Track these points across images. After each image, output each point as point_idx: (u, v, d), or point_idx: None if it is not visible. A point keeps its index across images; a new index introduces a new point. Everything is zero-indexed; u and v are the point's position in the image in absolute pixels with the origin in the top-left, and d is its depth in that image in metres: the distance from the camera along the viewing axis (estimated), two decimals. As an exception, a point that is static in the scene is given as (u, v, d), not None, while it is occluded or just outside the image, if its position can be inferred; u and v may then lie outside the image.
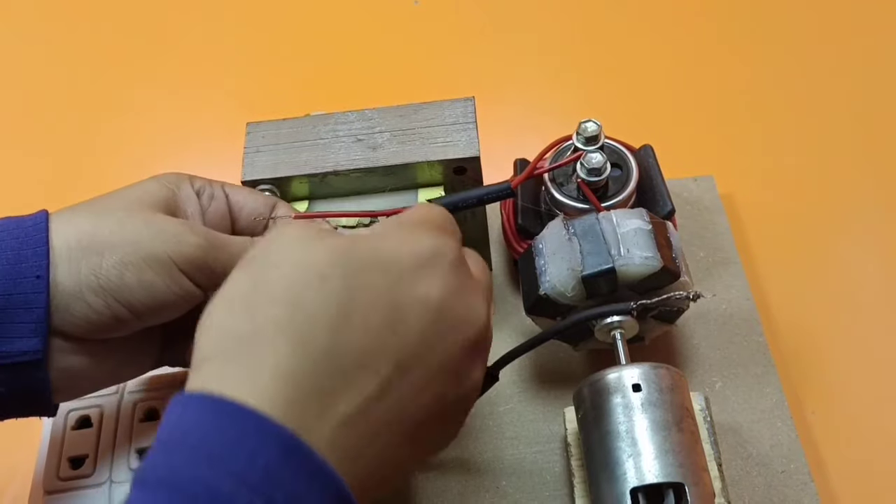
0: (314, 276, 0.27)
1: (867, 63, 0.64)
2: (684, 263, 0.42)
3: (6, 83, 0.72)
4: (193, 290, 0.34)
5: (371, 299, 0.27)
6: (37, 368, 0.32)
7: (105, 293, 0.33)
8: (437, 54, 0.70)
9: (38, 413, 0.35)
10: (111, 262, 0.33)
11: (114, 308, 0.33)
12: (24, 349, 0.32)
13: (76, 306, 0.32)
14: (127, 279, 0.33)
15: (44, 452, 0.45)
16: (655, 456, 0.35)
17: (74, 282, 0.32)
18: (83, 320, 0.33)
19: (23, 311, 0.32)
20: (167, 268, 0.33)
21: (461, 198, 0.42)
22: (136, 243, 0.33)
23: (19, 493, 0.47)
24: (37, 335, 0.32)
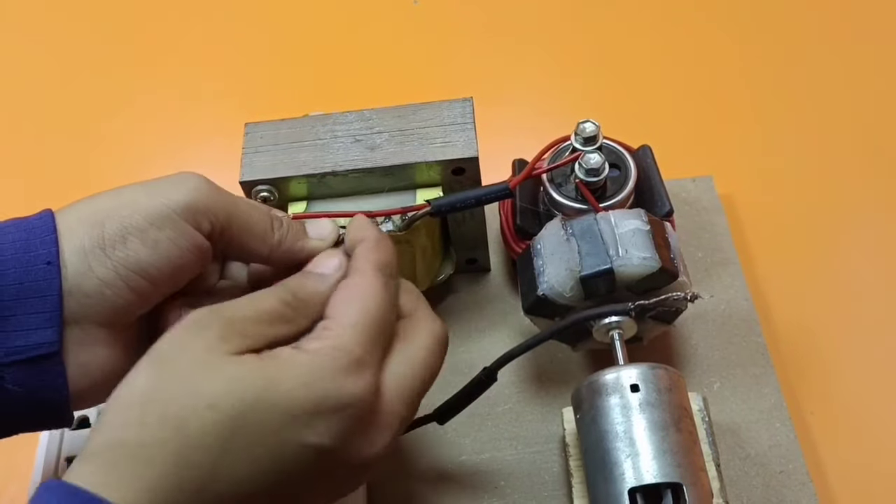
0: (204, 406, 0.27)
1: (867, 63, 0.64)
2: (683, 264, 0.42)
3: (6, 83, 0.72)
4: (201, 241, 0.33)
5: (255, 438, 0.28)
6: (53, 363, 0.31)
7: (113, 263, 0.32)
8: (435, 55, 0.70)
9: (54, 421, 0.34)
10: (112, 229, 0.32)
11: (125, 277, 0.32)
12: (39, 341, 0.31)
13: (88, 284, 0.31)
14: (131, 244, 0.32)
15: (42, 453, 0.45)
16: (653, 456, 0.35)
17: (82, 260, 0.31)
18: (98, 297, 0.32)
19: (36, 300, 0.31)
20: (169, 220, 0.32)
21: (459, 198, 0.42)
22: (134, 203, 0.33)
23: (18, 493, 0.47)
24: (52, 325, 0.31)
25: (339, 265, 0.35)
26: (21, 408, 0.32)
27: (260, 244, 0.36)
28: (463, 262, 0.52)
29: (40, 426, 0.34)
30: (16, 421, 0.33)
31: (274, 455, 0.28)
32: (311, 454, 0.29)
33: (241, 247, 0.36)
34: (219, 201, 0.34)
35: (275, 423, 0.28)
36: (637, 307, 0.38)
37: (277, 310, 0.31)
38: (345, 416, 0.29)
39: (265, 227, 0.36)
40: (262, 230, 0.35)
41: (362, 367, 0.30)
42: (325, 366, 0.29)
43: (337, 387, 0.29)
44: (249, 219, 0.35)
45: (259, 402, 0.28)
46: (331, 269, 0.34)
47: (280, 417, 0.28)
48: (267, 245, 0.36)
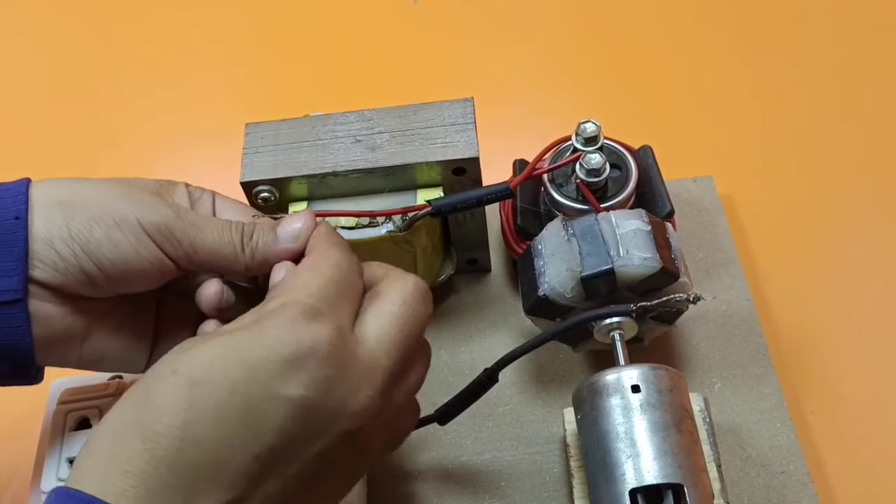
0: (167, 373, 0.28)
1: (867, 63, 0.64)
2: (683, 264, 0.42)
3: (6, 83, 0.72)
4: (162, 258, 0.35)
5: (219, 392, 0.28)
6: (18, 309, 0.33)
7: (73, 243, 0.34)
8: (436, 55, 0.70)
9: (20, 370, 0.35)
10: (83, 217, 0.34)
11: (80, 259, 0.34)
12: (6, 287, 0.33)
13: (45, 253, 0.34)
14: (95, 233, 0.34)
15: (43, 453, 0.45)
16: (654, 457, 0.35)
17: (46, 229, 0.34)
18: (51, 267, 0.34)
19: (4, 251, 0.33)
20: (135, 230, 0.34)
21: (460, 199, 0.42)
22: (108, 204, 0.35)
23: (18, 493, 0.47)
24: (17, 274, 0.33)
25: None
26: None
27: (232, 265, 0.36)
28: (463, 263, 0.52)
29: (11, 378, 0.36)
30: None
31: (244, 413, 0.28)
32: (290, 409, 0.28)
33: (216, 268, 0.37)
34: (184, 232, 0.35)
35: (238, 380, 0.28)
36: (639, 308, 0.38)
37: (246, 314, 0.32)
38: (313, 363, 0.29)
39: (233, 250, 0.36)
40: (230, 253, 0.36)
41: (317, 315, 0.30)
42: (277, 319, 0.30)
43: (294, 336, 0.29)
44: (215, 246, 0.36)
45: (218, 361, 0.28)
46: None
47: (242, 374, 0.28)
48: (242, 265, 0.36)
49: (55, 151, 0.66)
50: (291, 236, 0.37)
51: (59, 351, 0.36)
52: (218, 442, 0.27)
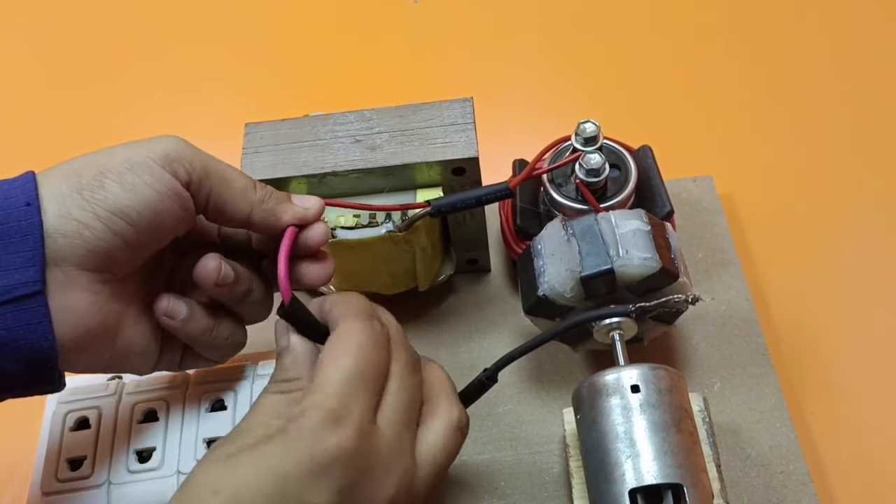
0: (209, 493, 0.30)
1: (867, 63, 0.64)
2: (683, 264, 0.42)
3: (6, 83, 0.72)
4: (179, 188, 0.34)
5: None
6: (37, 303, 0.31)
7: (90, 205, 0.32)
8: (436, 55, 0.70)
9: (43, 377, 0.33)
10: (89, 175, 0.33)
11: (104, 219, 0.32)
12: (22, 280, 0.31)
13: (67, 226, 0.32)
14: (108, 186, 0.32)
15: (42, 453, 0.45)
16: (654, 457, 0.35)
17: (60, 203, 0.32)
18: (78, 240, 0.32)
19: (17, 241, 0.31)
20: (146, 166, 0.33)
21: (460, 199, 0.42)
22: (112, 154, 0.34)
23: (18, 494, 0.47)
24: (34, 264, 0.31)
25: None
26: (9, 359, 0.32)
27: (240, 199, 0.36)
28: (463, 263, 0.52)
29: (32, 385, 0.34)
30: (5, 377, 0.32)
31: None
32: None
33: (221, 203, 0.35)
34: (195, 154, 0.35)
35: (273, 493, 0.29)
36: (638, 309, 0.38)
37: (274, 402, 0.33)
38: (338, 471, 0.30)
39: (245, 183, 0.36)
40: (241, 185, 0.36)
41: (341, 420, 0.31)
42: (303, 428, 0.31)
43: (319, 444, 0.30)
44: (226, 173, 0.35)
45: (254, 479, 0.30)
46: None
47: (275, 489, 0.30)
48: (248, 201, 0.36)
49: (55, 151, 0.66)
50: (305, 202, 0.37)
51: (93, 351, 0.34)
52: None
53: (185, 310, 0.37)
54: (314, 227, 0.37)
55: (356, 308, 0.35)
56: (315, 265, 0.38)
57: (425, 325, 0.51)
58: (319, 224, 0.38)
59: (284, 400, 0.33)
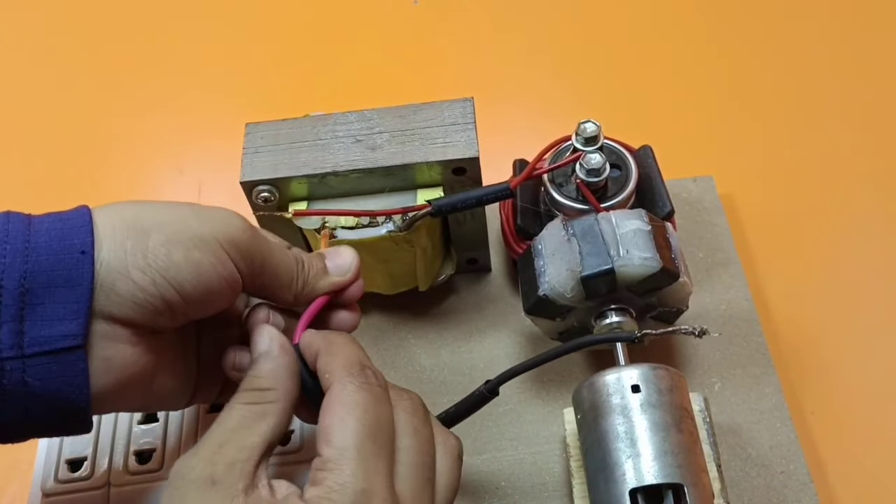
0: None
1: (867, 63, 0.64)
2: (683, 264, 0.42)
3: (6, 84, 0.72)
4: (236, 275, 0.34)
5: None
6: (76, 357, 0.30)
7: (152, 270, 0.31)
8: (436, 54, 0.70)
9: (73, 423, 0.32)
10: (158, 240, 0.32)
11: (160, 286, 0.31)
12: (64, 332, 0.30)
13: (122, 284, 0.31)
14: (174, 257, 0.31)
15: (42, 455, 0.45)
16: (654, 457, 0.35)
17: (120, 259, 0.31)
18: (129, 299, 0.31)
19: (65, 290, 0.30)
20: (213, 247, 0.32)
21: (460, 198, 0.42)
22: (183, 222, 0.33)
23: (17, 495, 0.47)
24: (78, 317, 0.30)
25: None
26: (40, 407, 0.30)
27: (286, 292, 0.36)
28: (463, 263, 0.52)
29: (59, 430, 0.32)
30: (34, 422, 0.31)
31: None
32: None
33: (268, 292, 0.36)
34: (259, 247, 0.35)
35: None
36: (644, 336, 0.38)
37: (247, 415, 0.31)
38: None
39: (291, 276, 0.36)
40: (288, 279, 0.36)
41: (370, 499, 0.29)
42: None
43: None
44: (279, 268, 0.36)
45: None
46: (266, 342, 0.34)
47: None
48: (291, 292, 0.36)
49: (55, 151, 0.66)
50: (342, 270, 0.37)
51: (128, 397, 0.34)
52: None
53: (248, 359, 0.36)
54: (352, 288, 0.38)
55: (346, 360, 0.33)
56: (346, 314, 0.38)
57: (425, 325, 0.51)
58: (357, 284, 0.38)
59: (255, 412, 0.31)
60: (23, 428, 0.31)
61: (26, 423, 0.31)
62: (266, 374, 0.33)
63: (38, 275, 0.30)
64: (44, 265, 0.30)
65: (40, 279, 0.30)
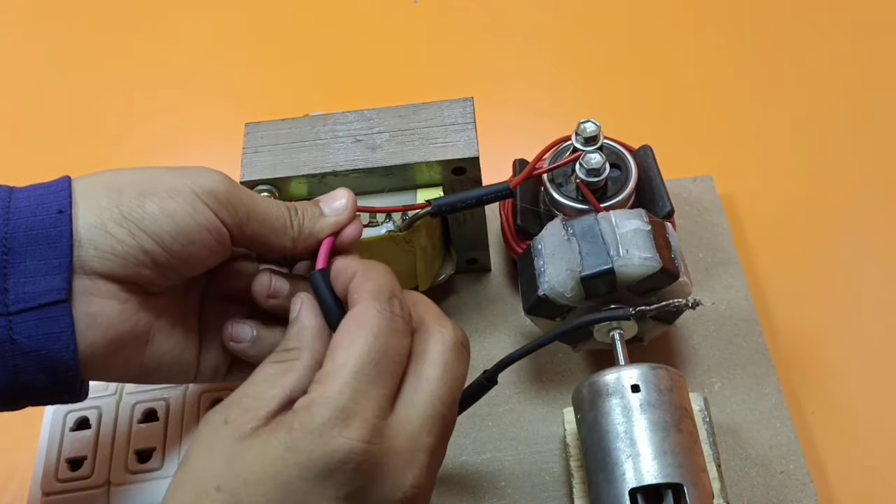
0: (212, 487, 0.28)
1: (866, 63, 0.64)
2: (683, 264, 0.42)
3: (5, 84, 0.72)
4: (219, 226, 0.34)
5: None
6: (62, 312, 0.31)
7: (128, 222, 0.32)
8: (436, 54, 0.70)
9: (64, 386, 0.32)
10: (131, 194, 0.32)
11: (138, 237, 0.32)
12: (48, 287, 0.30)
13: (100, 238, 0.31)
14: (148, 207, 0.32)
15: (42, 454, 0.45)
16: (654, 457, 0.35)
17: (96, 215, 0.32)
18: (109, 252, 0.32)
19: (46, 248, 0.31)
20: (188, 197, 0.33)
21: (460, 198, 0.42)
22: (156, 177, 0.33)
23: (18, 494, 0.47)
24: (61, 272, 0.31)
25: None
26: (30, 367, 0.31)
27: (282, 238, 0.36)
28: (463, 263, 0.52)
29: (51, 393, 0.33)
30: (25, 385, 0.32)
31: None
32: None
33: (263, 243, 0.36)
34: (238, 197, 0.34)
35: (274, 495, 0.28)
36: (638, 313, 0.38)
37: (271, 372, 0.32)
38: (347, 475, 0.28)
39: (284, 222, 0.36)
40: (281, 224, 0.36)
41: (351, 418, 0.29)
42: (308, 426, 0.29)
43: (325, 446, 0.28)
44: (268, 214, 0.35)
45: (256, 477, 0.28)
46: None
47: (280, 488, 0.28)
48: (288, 238, 0.36)
49: (55, 151, 0.66)
50: (338, 210, 0.37)
51: (122, 359, 0.34)
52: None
53: (250, 332, 0.37)
54: (347, 230, 0.37)
55: (376, 286, 0.33)
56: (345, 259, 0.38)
57: (425, 325, 0.51)
58: (353, 225, 0.38)
59: (278, 369, 0.32)
60: (15, 391, 0.32)
61: (17, 385, 0.31)
62: (293, 336, 0.33)
63: (19, 235, 0.31)
64: (23, 226, 0.31)
65: (21, 239, 0.31)
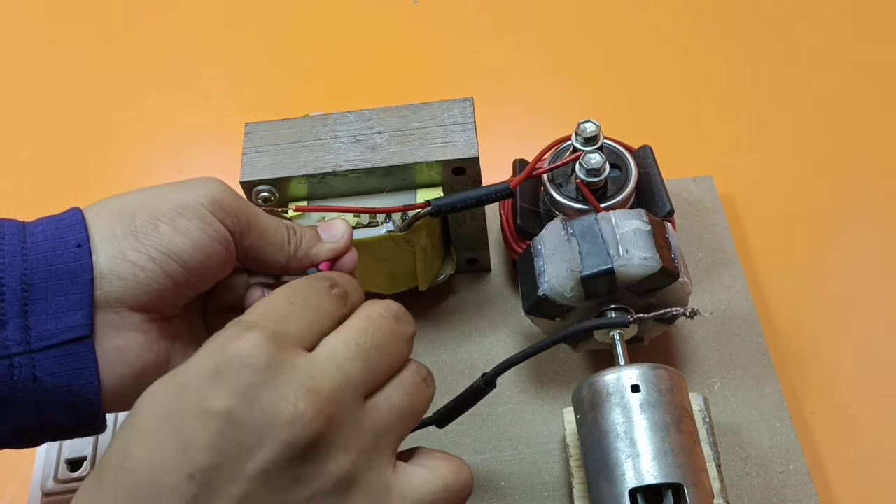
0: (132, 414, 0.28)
1: (867, 63, 0.64)
2: (683, 264, 0.42)
3: (6, 83, 0.72)
4: (227, 235, 0.34)
5: (151, 419, 0.27)
6: (84, 348, 0.31)
7: (145, 247, 0.32)
8: (436, 54, 0.70)
9: (86, 420, 0.32)
10: (143, 218, 0.33)
11: (158, 261, 0.32)
12: (70, 324, 0.30)
13: (121, 268, 0.32)
14: (162, 229, 0.32)
15: (42, 454, 0.45)
16: (654, 457, 0.35)
17: (113, 245, 0.32)
18: (132, 280, 0.32)
19: (67, 283, 0.31)
20: (198, 211, 0.33)
21: (460, 198, 0.42)
22: (162, 196, 0.34)
23: (18, 494, 0.47)
24: (82, 307, 0.31)
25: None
26: (52, 404, 0.31)
27: (278, 253, 0.36)
28: (463, 263, 0.52)
29: (73, 429, 0.33)
30: (47, 421, 0.31)
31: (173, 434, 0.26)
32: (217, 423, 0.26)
33: (259, 255, 0.36)
34: (241, 205, 0.35)
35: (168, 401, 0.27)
36: (636, 320, 0.38)
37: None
38: (235, 371, 0.27)
39: (282, 237, 0.36)
40: (279, 239, 0.36)
41: (249, 328, 0.28)
42: (213, 340, 0.28)
43: (220, 348, 0.28)
44: (267, 228, 0.36)
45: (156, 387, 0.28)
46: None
47: (171, 395, 0.27)
48: (284, 254, 0.36)
49: (55, 151, 0.66)
50: (335, 237, 0.37)
51: (129, 394, 0.32)
52: (148, 466, 0.26)
53: None
54: (345, 259, 0.38)
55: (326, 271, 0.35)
56: None
57: (425, 325, 0.51)
58: (350, 254, 0.38)
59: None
60: (36, 429, 0.31)
61: (39, 422, 0.31)
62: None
63: (38, 271, 0.31)
64: (42, 262, 0.31)
65: (41, 275, 0.31)
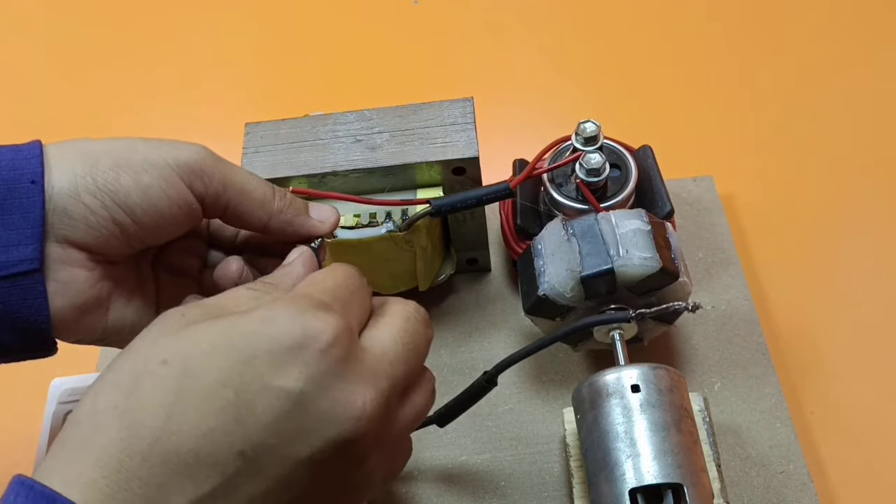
0: (156, 362, 0.27)
1: (867, 63, 0.64)
2: (683, 264, 0.42)
3: (6, 83, 0.72)
4: (191, 200, 0.34)
5: (213, 387, 0.26)
6: (34, 280, 0.32)
7: (102, 193, 0.32)
8: (436, 54, 0.70)
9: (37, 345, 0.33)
10: (106, 164, 0.32)
11: (111, 209, 0.32)
12: (20, 257, 0.31)
13: (73, 207, 0.32)
14: (123, 180, 0.32)
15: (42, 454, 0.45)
16: (654, 457, 0.35)
17: (70, 182, 0.32)
18: (82, 222, 0.32)
19: (18, 217, 0.31)
20: (163, 171, 0.33)
21: (460, 198, 0.42)
22: (132, 148, 0.33)
23: (18, 493, 0.47)
24: (33, 241, 0.31)
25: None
26: (4, 329, 0.32)
27: (259, 209, 0.36)
28: (463, 262, 0.52)
29: (24, 351, 0.34)
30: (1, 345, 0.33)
31: (234, 406, 0.26)
32: (283, 403, 0.26)
33: (240, 212, 0.36)
34: (215, 167, 0.35)
35: (234, 372, 0.26)
36: (637, 315, 0.38)
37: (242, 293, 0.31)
38: (314, 353, 0.27)
39: (265, 193, 0.36)
40: (261, 195, 0.36)
41: (328, 309, 0.28)
42: (285, 308, 0.28)
43: (301, 324, 0.27)
44: (247, 184, 0.35)
45: (215, 349, 0.27)
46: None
47: (238, 366, 0.26)
48: (266, 211, 0.36)
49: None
50: (321, 217, 0.37)
51: (88, 322, 0.34)
52: (200, 435, 0.25)
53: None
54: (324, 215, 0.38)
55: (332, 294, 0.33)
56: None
57: (425, 325, 0.51)
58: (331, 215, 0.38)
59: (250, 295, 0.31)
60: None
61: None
62: (279, 275, 0.34)
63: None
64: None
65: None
